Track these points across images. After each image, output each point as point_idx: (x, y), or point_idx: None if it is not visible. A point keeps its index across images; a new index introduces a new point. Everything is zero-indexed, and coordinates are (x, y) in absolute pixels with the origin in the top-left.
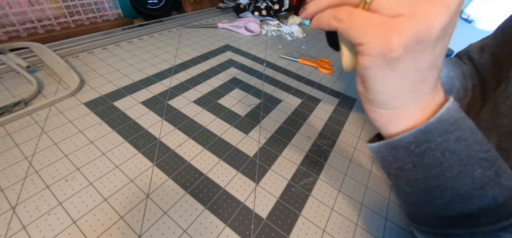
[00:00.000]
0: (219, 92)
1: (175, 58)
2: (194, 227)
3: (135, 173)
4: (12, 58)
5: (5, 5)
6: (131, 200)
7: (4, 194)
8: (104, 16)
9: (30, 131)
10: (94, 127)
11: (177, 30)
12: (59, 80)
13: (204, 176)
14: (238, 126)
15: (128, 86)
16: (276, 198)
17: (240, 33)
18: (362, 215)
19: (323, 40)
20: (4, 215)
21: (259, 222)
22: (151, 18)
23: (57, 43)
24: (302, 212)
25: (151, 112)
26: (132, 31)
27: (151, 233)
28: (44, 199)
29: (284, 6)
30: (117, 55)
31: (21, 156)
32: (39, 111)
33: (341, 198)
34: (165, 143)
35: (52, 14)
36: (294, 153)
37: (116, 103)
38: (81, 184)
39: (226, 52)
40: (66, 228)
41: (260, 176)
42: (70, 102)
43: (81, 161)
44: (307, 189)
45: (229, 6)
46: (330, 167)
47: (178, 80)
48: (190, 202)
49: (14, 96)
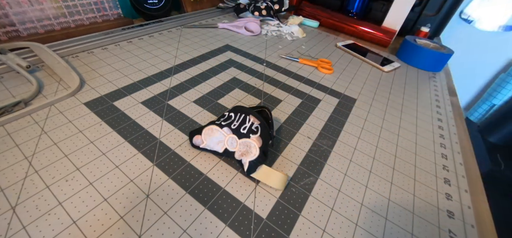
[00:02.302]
0: (219, 92)
1: (175, 58)
2: (194, 227)
3: (135, 173)
4: (12, 58)
5: (5, 5)
6: (131, 200)
7: (4, 194)
8: (104, 16)
9: (30, 131)
10: (94, 127)
11: (177, 30)
12: (59, 80)
13: (204, 176)
14: None
15: (128, 86)
16: (276, 198)
17: (240, 33)
18: (362, 215)
19: (323, 40)
20: (4, 215)
21: (259, 222)
22: (151, 18)
23: (57, 43)
24: (302, 212)
25: (151, 112)
26: (132, 31)
27: (151, 233)
28: (44, 199)
29: (284, 6)
30: (117, 55)
31: (21, 156)
32: (39, 111)
33: (341, 198)
34: (165, 143)
35: (52, 14)
36: (294, 153)
37: (116, 103)
38: (81, 184)
39: (226, 52)
40: (66, 228)
41: None
42: (70, 102)
43: (81, 161)
44: (307, 189)
45: (229, 6)
46: (330, 167)
47: (178, 80)
48: (190, 202)
49: (14, 96)
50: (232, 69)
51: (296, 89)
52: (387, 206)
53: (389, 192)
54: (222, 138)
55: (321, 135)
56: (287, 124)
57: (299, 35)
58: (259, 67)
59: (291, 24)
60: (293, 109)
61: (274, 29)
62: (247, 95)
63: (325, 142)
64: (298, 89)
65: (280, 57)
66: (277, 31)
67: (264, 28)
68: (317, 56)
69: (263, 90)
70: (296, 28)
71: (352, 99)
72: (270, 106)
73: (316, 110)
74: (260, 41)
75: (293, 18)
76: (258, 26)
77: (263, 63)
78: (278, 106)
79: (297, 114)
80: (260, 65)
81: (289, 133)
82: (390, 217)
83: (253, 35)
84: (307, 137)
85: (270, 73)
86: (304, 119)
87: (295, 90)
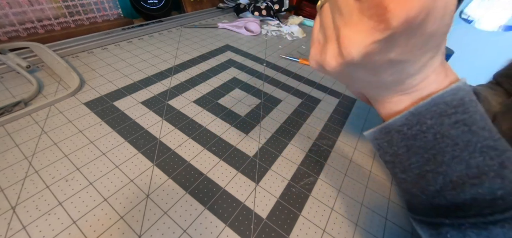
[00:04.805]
0: (219, 92)
1: (175, 58)
2: (194, 227)
3: (135, 173)
4: (12, 58)
5: (5, 5)
6: (131, 200)
7: (4, 194)
8: (104, 16)
9: (30, 131)
10: (94, 127)
11: (177, 30)
12: (59, 80)
13: (204, 176)
14: (238, 126)
15: (128, 86)
16: (276, 198)
17: (240, 33)
18: (362, 215)
19: None
20: (4, 215)
21: (259, 222)
22: (151, 18)
23: (57, 43)
24: (302, 212)
25: (151, 112)
26: (132, 31)
27: (151, 233)
28: (44, 199)
29: (284, 6)
30: (117, 55)
31: (21, 156)
32: (39, 111)
33: (341, 198)
34: (165, 143)
35: (52, 14)
36: (294, 153)
37: (116, 103)
38: (81, 184)
39: (226, 52)
40: (66, 228)
41: (260, 176)
42: (70, 102)
43: (81, 161)
44: (307, 189)
45: (229, 6)
46: (330, 167)
47: (178, 80)
48: (190, 202)
49: (14, 96)
50: (232, 69)
51: (296, 89)
52: (387, 206)
53: (389, 192)
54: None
55: (321, 135)
56: (287, 124)
57: (299, 35)
58: (259, 67)
59: (291, 24)
60: (293, 109)
61: (274, 29)
62: (247, 95)
63: (325, 142)
64: (298, 89)
65: (280, 57)
66: (277, 31)
67: (264, 28)
68: None
69: (263, 90)
70: (296, 28)
71: (352, 99)
72: (270, 106)
73: (316, 110)
74: (260, 41)
75: (293, 18)
76: (258, 26)
77: (263, 63)
78: (278, 106)
79: (297, 115)
80: (260, 65)
81: (289, 133)
82: (390, 217)
83: (253, 35)
84: (307, 137)
85: (270, 73)
86: (304, 119)
87: (295, 90)
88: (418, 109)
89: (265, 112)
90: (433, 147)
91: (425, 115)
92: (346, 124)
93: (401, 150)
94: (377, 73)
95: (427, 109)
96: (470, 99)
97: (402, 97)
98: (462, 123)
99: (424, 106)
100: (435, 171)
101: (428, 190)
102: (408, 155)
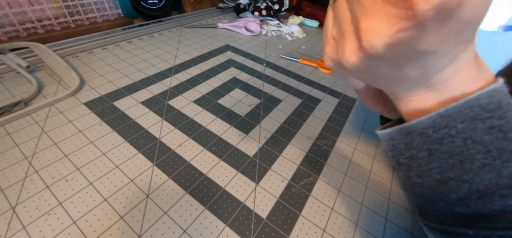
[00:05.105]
0: (219, 92)
1: (175, 58)
2: (194, 227)
3: (135, 173)
4: (12, 58)
5: (5, 5)
6: (131, 200)
7: (4, 194)
8: (104, 16)
9: (30, 131)
10: (94, 127)
11: (177, 30)
12: (59, 80)
13: (204, 176)
14: (238, 126)
15: (128, 86)
16: (276, 198)
17: (240, 33)
18: (362, 215)
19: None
20: (4, 215)
21: (259, 222)
22: (151, 18)
23: (57, 43)
24: (302, 212)
25: (151, 112)
26: (132, 31)
27: (151, 233)
28: (44, 199)
29: (284, 6)
30: (117, 55)
31: (21, 156)
32: (39, 111)
33: (341, 198)
34: (165, 143)
35: (52, 14)
36: (294, 153)
37: (116, 103)
38: (81, 184)
39: (226, 52)
40: (66, 228)
41: (260, 176)
42: (70, 102)
43: (81, 161)
44: (307, 189)
45: (229, 6)
46: (330, 167)
47: (178, 80)
48: (190, 202)
49: (14, 96)
50: (232, 69)
51: (296, 89)
52: (387, 206)
53: (389, 192)
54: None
55: (321, 135)
56: (287, 124)
57: (299, 35)
58: (259, 67)
59: (291, 24)
60: (293, 109)
61: (274, 29)
62: (247, 95)
63: (325, 142)
64: (298, 89)
65: (280, 57)
66: (277, 31)
67: (264, 28)
68: (317, 56)
69: (263, 90)
70: (296, 28)
71: (352, 99)
72: (270, 106)
73: (316, 110)
74: (260, 41)
75: (293, 18)
76: (258, 26)
77: (263, 63)
78: (278, 106)
79: (297, 114)
80: (260, 65)
81: (289, 133)
82: (390, 217)
83: (253, 35)
84: (307, 137)
85: (270, 73)
86: (304, 119)
87: (295, 90)
88: (449, 112)
89: (265, 112)
90: (461, 153)
91: (456, 118)
92: (346, 124)
93: (422, 154)
94: (402, 68)
95: (460, 112)
96: (508, 102)
97: (428, 94)
98: (498, 129)
99: (456, 108)
100: (459, 178)
101: (449, 197)
102: (430, 159)
